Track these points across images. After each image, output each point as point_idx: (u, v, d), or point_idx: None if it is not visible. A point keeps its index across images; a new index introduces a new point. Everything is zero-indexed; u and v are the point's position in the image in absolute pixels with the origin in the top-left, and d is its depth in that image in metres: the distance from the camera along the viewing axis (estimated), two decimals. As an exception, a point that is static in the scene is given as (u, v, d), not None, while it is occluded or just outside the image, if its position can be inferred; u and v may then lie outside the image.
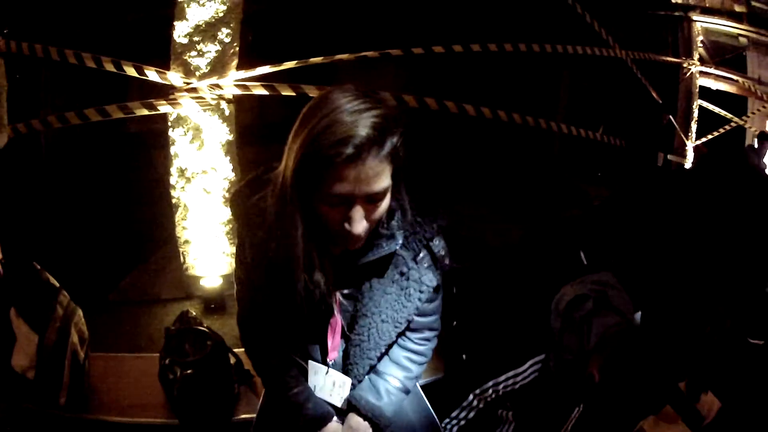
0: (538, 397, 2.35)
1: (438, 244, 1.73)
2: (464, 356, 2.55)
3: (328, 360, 1.88)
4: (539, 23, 6.83)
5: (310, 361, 1.90)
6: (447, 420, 2.48)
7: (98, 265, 3.54)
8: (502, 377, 2.41)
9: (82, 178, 5.65)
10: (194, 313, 3.15)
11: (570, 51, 6.27)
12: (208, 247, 4.51)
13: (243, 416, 2.75)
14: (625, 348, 2.04)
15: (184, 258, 4.59)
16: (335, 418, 1.93)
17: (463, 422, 2.47)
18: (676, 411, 2.74)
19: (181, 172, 4.34)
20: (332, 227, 1.51)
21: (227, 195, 4.39)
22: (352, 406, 1.92)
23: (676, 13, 8.80)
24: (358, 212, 1.45)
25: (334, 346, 1.85)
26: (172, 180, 4.37)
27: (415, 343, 1.95)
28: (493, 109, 4.98)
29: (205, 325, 2.94)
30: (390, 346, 1.90)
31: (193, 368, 2.64)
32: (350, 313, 1.81)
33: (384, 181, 1.43)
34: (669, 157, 8.25)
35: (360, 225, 1.46)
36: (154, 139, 5.85)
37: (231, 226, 4.51)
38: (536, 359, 2.38)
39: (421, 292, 1.73)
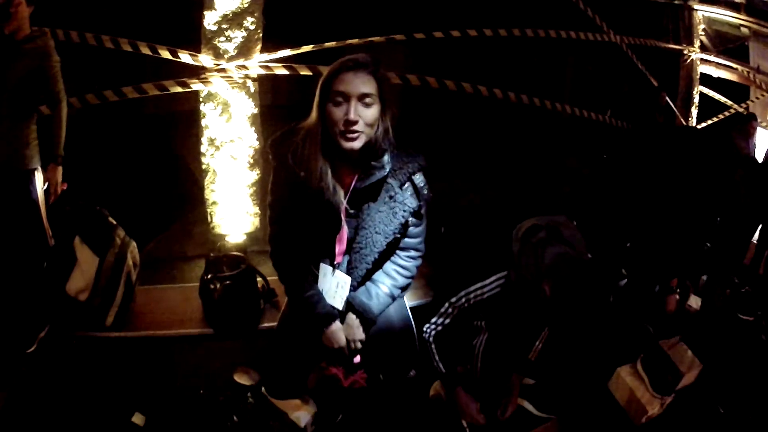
0: (505, 308, 2.87)
1: (419, 179, 2.52)
2: (442, 229, 3.05)
3: (335, 263, 2.63)
4: (544, 10, 7.31)
5: (321, 264, 2.57)
6: (426, 325, 3.01)
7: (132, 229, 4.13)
8: (471, 288, 2.91)
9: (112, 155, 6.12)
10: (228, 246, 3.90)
11: (573, 36, 6.96)
12: (233, 207, 5.30)
13: (266, 325, 3.45)
14: (572, 272, 2.66)
15: (211, 218, 5.36)
16: (337, 319, 2.57)
17: (440, 327, 2.97)
18: (647, 358, 3.36)
19: (211, 141, 5.12)
20: (338, 126, 2.26)
21: (251, 161, 5.22)
22: (348, 305, 2.58)
23: (676, 2, 9.26)
24: (353, 106, 2.23)
25: (341, 251, 2.56)
26: (203, 148, 5.16)
27: (403, 260, 2.63)
28: (503, 90, 5.79)
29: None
30: (382, 255, 2.58)
31: (231, 280, 3.39)
32: (353, 228, 2.56)
33: (370, 88, 2.25)
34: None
35: (354, 114, 2.23)
36: (171, 120, 6.53)
37: (255, 188, 5.31)
38: (499, 275, 2.87)
39: (404, 211, 2.47)
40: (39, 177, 3.58)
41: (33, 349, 3.38)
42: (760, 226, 5.51)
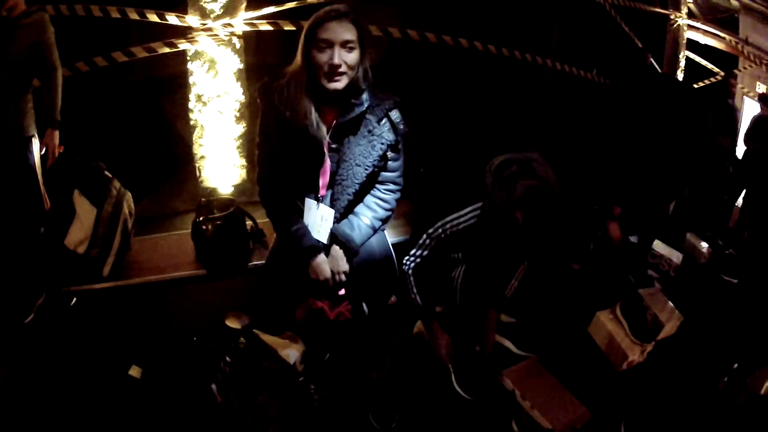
0: (481, 238, 3.02)
1: (395, 115, 2.75)
2: (421, 170, 3.21)
3: (319, 196, 2.78)
4: None
5: (306, 199, 2.78)
6: (406, 258, 3.16)
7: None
8: (447, 219, 3.06)
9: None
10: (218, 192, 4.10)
11: None
12: (221, 161, 5.56)
13: (255, 263, 3.67)
14: (542, 204, 2.86)
15: (199, 172, 5.62)
16: (322, 252, 2.79)
17: (418, 260, 3.13)
18: (626, 304, 3.40)
19: (198, 97, 5.39)
20: (322, 68, 2.52)
21: (237, 114, 5.49)
22: (332, 237, 2.79)
23: None
24: (336, 51, 2.49)
25: (324, 184, 2.77)
26: (191, 105, 5.43)
27: (383, 193, 2.86)
28: (483, 43, 6.06)
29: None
30: (363, 187, 2.79)
31: (222, 221, 3.61)
32: (335, 162, 2.74)
33: (352, 35, 2.51)
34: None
35: (338, 59, 2.49)
36: (158, 84, 6.51)
37: (241, 141, 5.57)
38: (474, 206, 3.03)
39: (382, 144, 2.72)
40: (36, 144, 3.77)
41: (31, 318, 3.52)
42: (744, 191, 5.68)
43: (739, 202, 5.79)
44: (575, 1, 7.42)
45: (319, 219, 2.79)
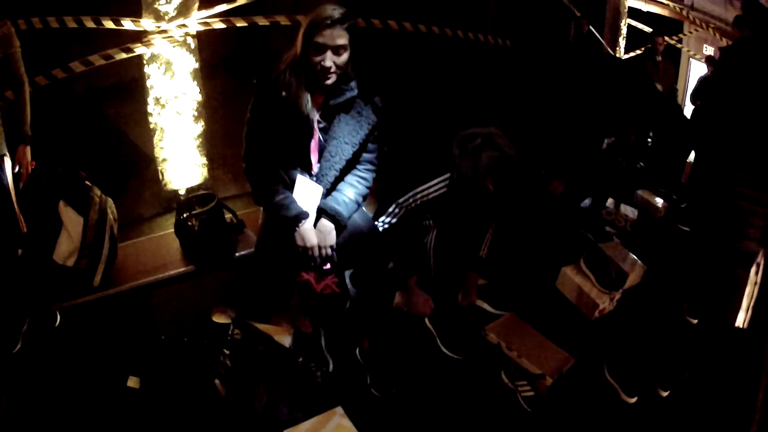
0: (451, 205, 3.27)
1: (377, 99, 3.03)
2: (385, 148, 3.27)
3: (312, 172, 3.03)
4: None
5: (298, 175, 2.99)
6: (375, 222, 3.31)
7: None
8: (418, 189, 3.29)
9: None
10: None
11: None
12: (182, 161, 5.72)
13: (241, 253, 3.74)
14: (505, 171, 3.11)
15: (162, 175, 5.75)
16: (308, 219, 2.95)
17: (387, 225, 3.32)
18: (589, 258, 3.63)
19: (157, 100, 5.52)
20: (315, 67, 2.77)
21: (195, 114, 5.66)
22: (320, 210, 2.98)
23: None
24: (328, 55, 2.75)
25: (315, 161, 3.02)
26: (149, 108, 5.55)
27: (362, 171, 3.12)
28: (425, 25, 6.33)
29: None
30: (348, 164, 3.04)
31: (207, 215, 3.64)
32: (324, 139, 2.99)
33: (344, 41, 2.75)
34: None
35: (330, 62, 2.75)
36: (100, 95, 6.80)
37: (201, 140, 5.75)
38: (443, 177, 3.27)
39: (368, 124, 3.01)
40: (8, 163, 3.71)
41: (18, 347, 3.44)
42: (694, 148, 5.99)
43: (690, 158, 6.06)
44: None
45: (307, 193, 3.00)
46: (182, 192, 5.76)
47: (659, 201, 5.00)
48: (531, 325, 3.37)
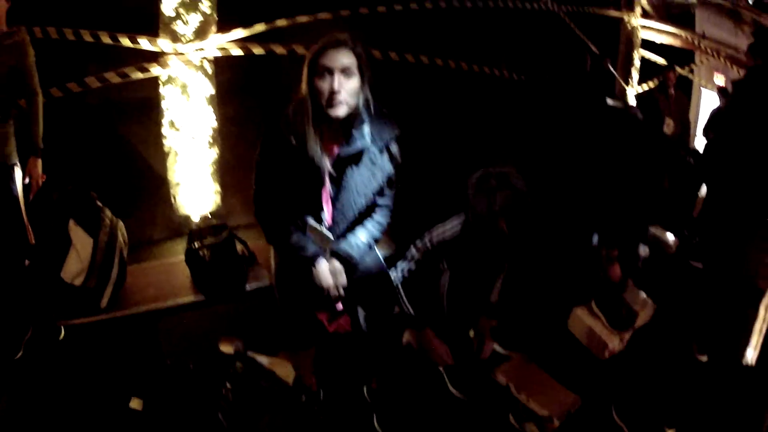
0: (465, 245, 3.24)
1: (394, 147, 2.89)
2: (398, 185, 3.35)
3: (325, 223, 2.91)
4: None
5: (309, 222, 2.88)
6: (394, 272, 3.33)
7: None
8: (434, 230, 3.30)
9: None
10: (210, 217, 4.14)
11: (510, 6, 7.35)
12: (195, 187, 5.65)
13: (252, 285, 3.65)
14: (520, 211, 3.09)
15: (174, 199, 5.69)
16: (324, 259, 2.88)
17: (407, 274, 3.33)
18: (600, 298, 3.55)
19: (171, 123, 5.48)
20: (323, 96, 2.65)
21: (210, 140, 5.60)
22: (332, 252, 2.88)
23: None
24: (336, 77, 2.62)
25: (328, 212, 2.91)
26: (164, 131, 5.51)
27: (377, 215, 3.00)
28: (441, 58, 6.32)
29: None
30: (361, 214, 2.93)
31: (218, 246, 3.58)
32: (336, 190, 2.86)
33: (350, 61, 2.65)
34: (609, 101, 9.04)
35: (337, 84, 2.62)
36: (115, 110, 6.36)
37: (215, 167, 5.68)
38: (458, 216, 3.26)
39: (382, 174, 2.87)
40: (18, 173, 3.73)
41: (20, 354, 3.47)
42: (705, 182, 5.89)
43: (702, 192, 5.90)
44: (527, 10, 7.60)
45: (318, 240, 2.90)
46: (194, 217, 5.72)
47: (671, 237, 4.86)
48: (540, 367, 3.32)
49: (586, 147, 4.30)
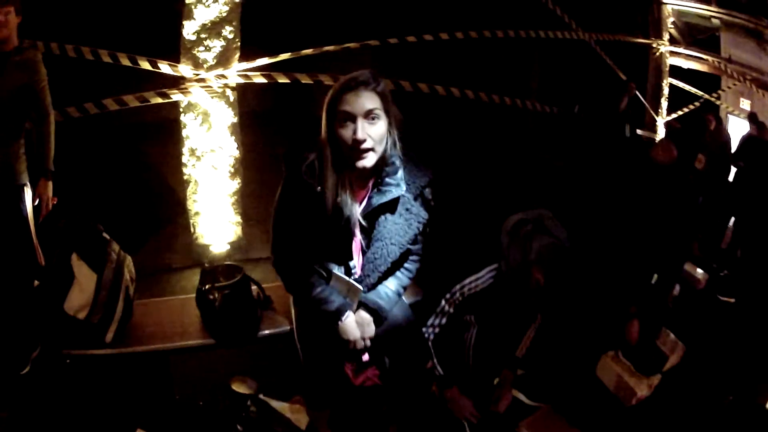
0: (496, 299, 3.01)
1: (428, 191, 2.66)
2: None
3: (354, 274, 2.72)
4: (509, 8, 7.48)
5: (335, 272, 2.69)
6: (425, 328, 3.13)
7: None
8: (466, 281, 3.05)
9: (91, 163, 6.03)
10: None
11: (542, 36, 7.17)
12: (216, 217, 5.42)
13: (266, 332, 3.58)
14: (557, 259, 2.86)
15: (194, 228, 5.48)
16: (351, 311, 2.63)
17: (438, 329, 3.12)
18: (631, 346, 3.49)
19: (192, 151, 5.26)
20: (346, 145, 2.36)
21: (232, 170, 5.36)
22: (360, 303, 2.64)
23: None
24: (359, 125, 2.31)
25: (359, 264, 2.68)
26: (184, 159, 5.28)
27: (408, 262, 2.76)
28: (472, 90, 6.05)
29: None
30: (394, 264, 2.67)
31: (230, 289, 3.48)
32: (366, 240, 2.66)
33: (374, 104, 2.34)
34: (639, 131, 8.90)
35: (362, 133, 2.32)
36: (148, 130, 6.43)
37: (236, 197, 5.44)
38: (491, 267, 3.04)
39: (419, 222, 2.60)
40: (28, 193, 3.60)
41: (27, 370, 3.36)
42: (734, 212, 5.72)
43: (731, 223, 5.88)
44: (556, 38, 7.41)
45: (345, 291, 2.67)
46: (213, 247, 5.51)
47: (700, 272, 4.75)
48: (566, 417, 3.16)
49: (622, 192, 4.19)
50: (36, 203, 3.65)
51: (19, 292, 3.50)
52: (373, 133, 2.37)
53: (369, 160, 2.40)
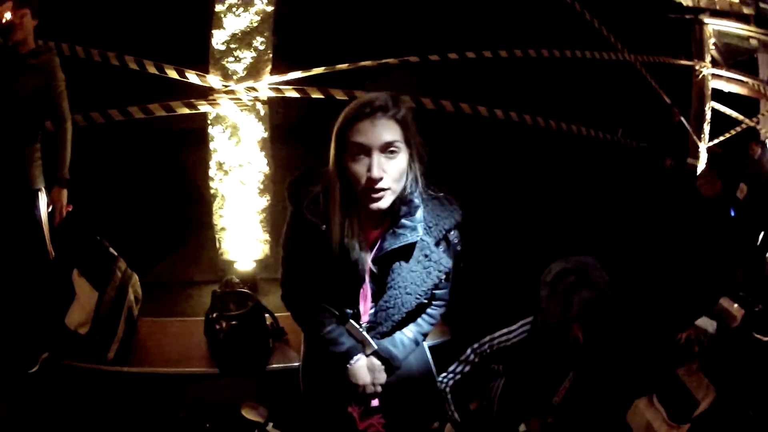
0: (529, 354, 2.80)
1: (453, 235, 2.27)
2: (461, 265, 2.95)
3: (360, 322, 2.39)
4: (555, 29, 7.25)
5: (350, 321, 2.39)
6: (444, 374, 2.96)
7: (137, 251, 4.01)
8: (497, 334, 2.85)
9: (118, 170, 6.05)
10: (236, 280, 3.79)
11: (588, 56, 6.90)
12: (242, 233, 5.17)
13: (276, 365, 3.34)
14: (599, 316, 2.62)
15: (219, 244, 5.24)
16: (362, 354, 2.41)
17: (458, 376, 2.93)
18: (665, 391, 3.31)
19: (220, 165, 5.01)
20: (358, 182, 1.96)
21: (261, 186, 5.10)
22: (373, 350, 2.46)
23: (688, 17, 9.24)
24: (376, 159, 1.91)
25: (365, 310, 2.38)
26: (211, 173, 5.04)
27: (430, 308, 2.47)
28: (515, 112, 5.72)
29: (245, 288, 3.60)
30: (410, 314, 2.37)
31: (238, 320, 3.28)
32: (379, 287, 2.31)
33: (393, 135, 1.93)
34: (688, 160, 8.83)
35: (377, 170, 1.92)
36: (178, 138, 6.32)
37: (264, 215, 5.18)
38: (525, 321, 2.84)
39: (439, 271, 2.24)
40: (43, 198, 3.53)
41: (35, 369, 3.36)
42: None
43: None
44: (601, 60, 7.12)
45: (357, 340, 2.38)
46: (238, 264, 5.26)
47: (737, 308, 4.36)
48: None
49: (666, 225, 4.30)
50: (50, 209, 3.56)
51: (31, 294, 3.44)
52: (391, 170, 1.98)
53: (384, 202, 2.02)
